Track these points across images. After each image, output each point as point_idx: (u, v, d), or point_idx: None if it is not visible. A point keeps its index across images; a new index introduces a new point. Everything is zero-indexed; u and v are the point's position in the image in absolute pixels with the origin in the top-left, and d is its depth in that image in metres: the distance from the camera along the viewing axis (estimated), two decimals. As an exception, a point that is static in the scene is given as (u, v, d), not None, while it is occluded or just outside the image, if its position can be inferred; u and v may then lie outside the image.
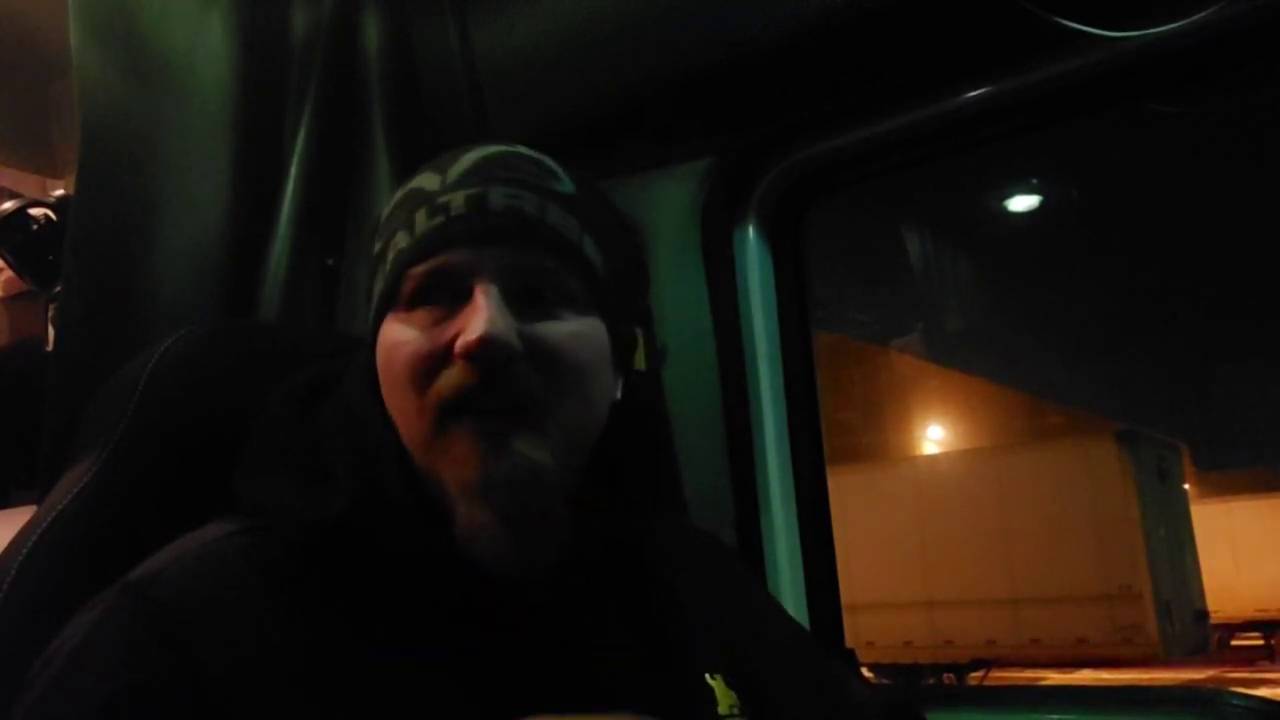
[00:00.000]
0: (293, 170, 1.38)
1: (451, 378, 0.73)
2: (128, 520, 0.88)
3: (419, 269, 0.76)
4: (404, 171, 1.42)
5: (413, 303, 0.77)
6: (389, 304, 0.78)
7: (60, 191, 1.42)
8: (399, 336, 0.76)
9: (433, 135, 1.50)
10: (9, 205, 1.39)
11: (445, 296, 0.76)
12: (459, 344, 0.73)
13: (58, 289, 1.27)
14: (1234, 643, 16.32)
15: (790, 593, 1.46)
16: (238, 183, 1.33)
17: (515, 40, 1.47)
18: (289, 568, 0.74)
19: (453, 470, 0.74)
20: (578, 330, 0.77)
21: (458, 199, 0.77)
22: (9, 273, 1.52)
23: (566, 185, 0.81)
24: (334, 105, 1.43)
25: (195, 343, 0.96)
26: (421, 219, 0.77)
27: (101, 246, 1.18)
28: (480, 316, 0.72)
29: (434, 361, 0.74)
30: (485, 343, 0.72)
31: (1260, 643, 16.23)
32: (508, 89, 1.49)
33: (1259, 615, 15.97)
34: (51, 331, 1.34)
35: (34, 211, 1.39)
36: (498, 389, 0.73)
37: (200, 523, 0.79)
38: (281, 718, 0.67)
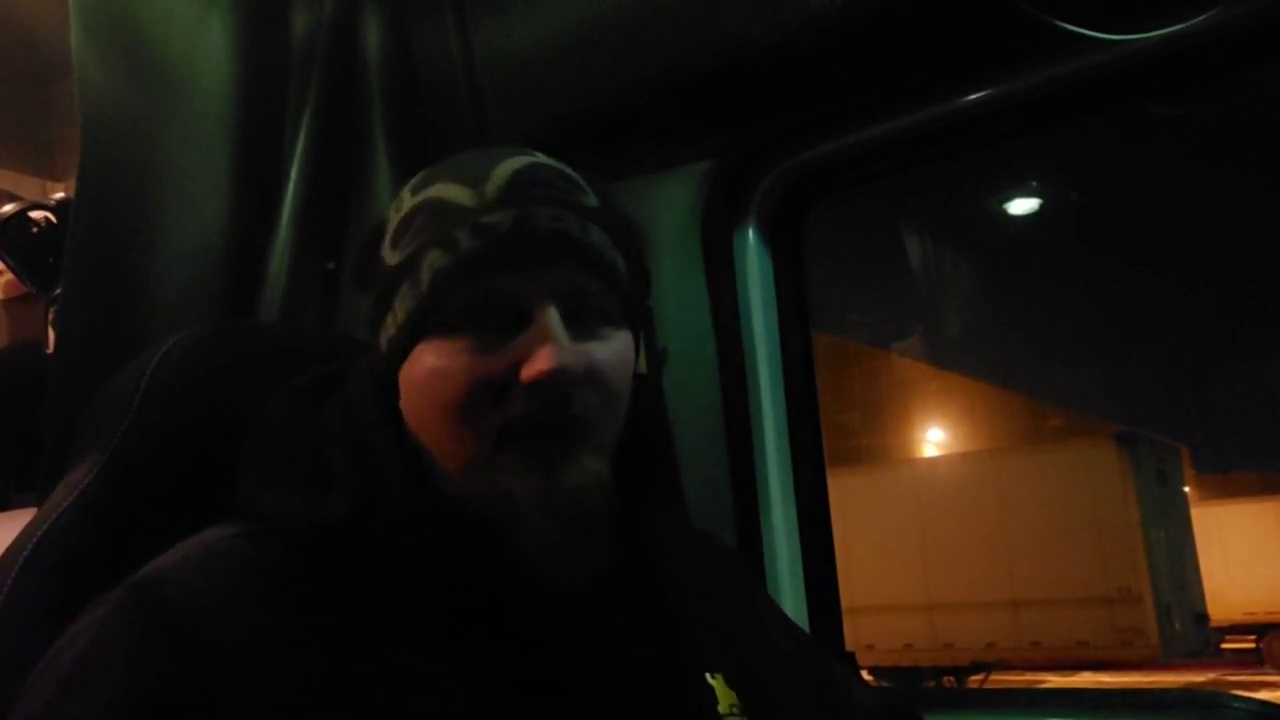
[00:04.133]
0: (293, 171, 1.38)
1: (516, 405, 0.74)
2: (129, 522, 0.88)
3: (465, 290, 0.76)
4: (405, 174, 1.42)
5: (456, 325, 0.76)
6: (426, 323, 0.77)
7: (60, 194, 1.42)
8: (447, 363, 0.76)
9: (433, 137, 1.50)
10: (9, 208, 1.39)
11: (493, 320, 0.75)
12: (529, 372, 0.73)
13: (58, 291, 1.27)
14: (1224, 645, 16.32)
15: (790, 595, 1.46)
16: (238, 184, 1.33)
17: (515, 42, 1.47)
18: (292, 570, 0.74)
19: (520, 483, 0.74)
20: (618, 350, 0.79)
21: (504, 219, 0.76)
22: (9, 275, 1.51)
23: (593, 199, 0.82)
24: (334, 106, 1.43)
25: (196, 344, 0.96)
26: (464, 238, 0.76)
27: (101, 249, 1.18)
28: (550, 345, 0.73)
29: (494, 390, 0.74)
30: (558, 373, 0.72)
31: (1251, 645, 16.25)
32: (508, 91, 1.49)
33: (1247, 619, 15.97)
34: (52, 334, 1.34)
35: (34, 214, 1.39)
36: (559, 413, 0.74)
37: (201, 525, 0.79)
38: (286, 718, 0.67)
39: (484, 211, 0.77)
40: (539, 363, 0.72)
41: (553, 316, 0.74)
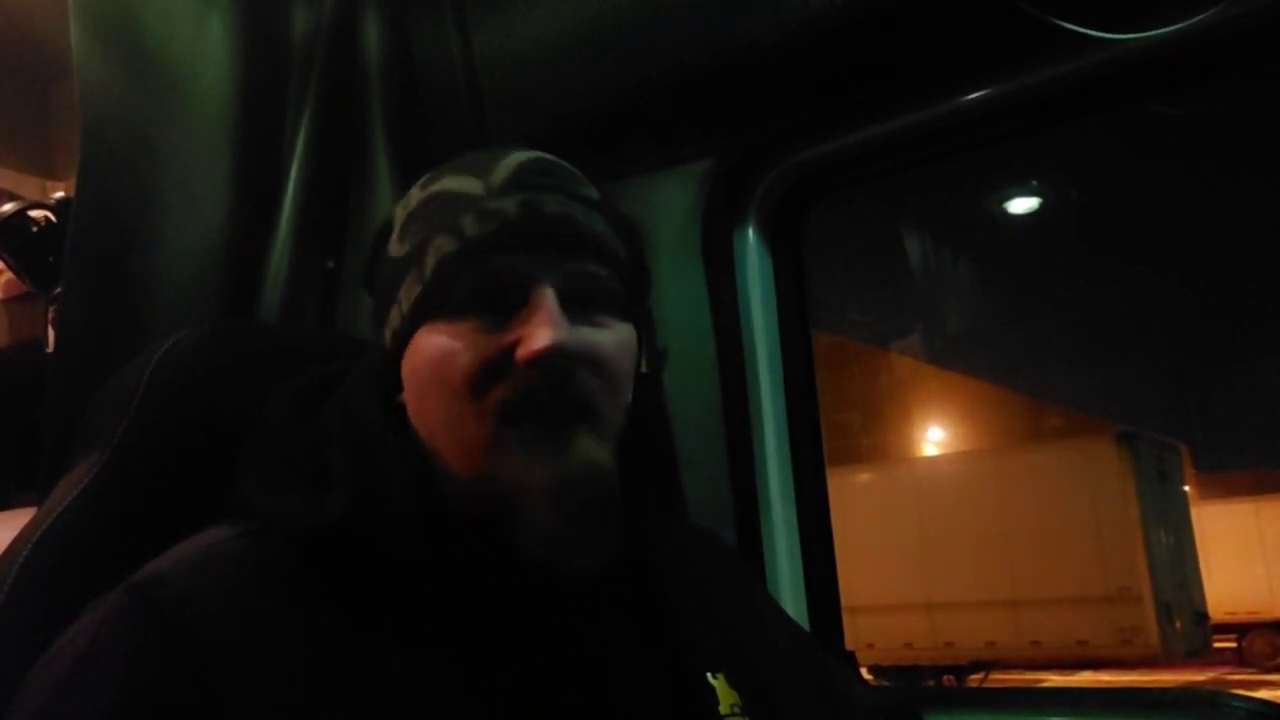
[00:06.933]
0: (293, 171, 1.38)
1: (515, 384, 0.74)
2: (128, 522, 0.88)
3: (471, 273, 0.76)
4: (405, 174, 1.42)
5: (460, 309, 0.77)
6: (430, 308, 0.78)
7: (60, 194, 1.42)
8: (448, 345, 0.76)
9: (433, 137, 1.50)
10: (9, 207, 1.39)
11: (497, 303, 0.76)
12: (525, 350, 0.73)
13: (58, 291, 1.27)
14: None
15: (790, 594, 1.46)
16: (238, 183, 1.33)
17: (515, 42, 1.47)
18: (291, 569, 0.74)
19: (519, 473, 0.74)
20: (619, 338, 0.80)
21: (510, 204, 0.77)
22: (9, 274, 1.51)
23: (594, 192, 0.83)
24: (334, 106, 1.43)
25: (196, 344, 0.96)
26: (470, 223, 0.77)
27: (101, 248, 1.18)
28: (547, 323, 0.73)
29: (493, 369, 0.75)
30: (554, 349, 0.73)
31: (1233, 645, 16.26)
32: (508, 91, 1.49)
33: (1228, 618, 15.95)
34: (51, 333, 1.34)
35: (34, 213, 1.39)
36: (562, 393, 0.74)
37: (201, 524, 0.79)
38: (286, 718, 0.67)
39: (491, 198, 0.78)
40: (534, 341, 0.73)
41: (550, 296, 0.75)
